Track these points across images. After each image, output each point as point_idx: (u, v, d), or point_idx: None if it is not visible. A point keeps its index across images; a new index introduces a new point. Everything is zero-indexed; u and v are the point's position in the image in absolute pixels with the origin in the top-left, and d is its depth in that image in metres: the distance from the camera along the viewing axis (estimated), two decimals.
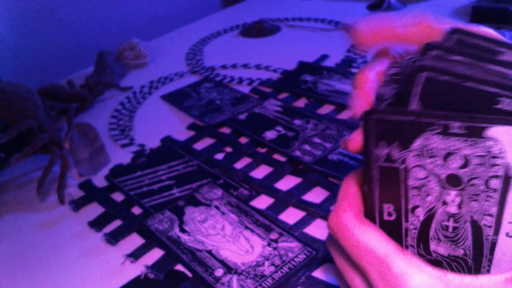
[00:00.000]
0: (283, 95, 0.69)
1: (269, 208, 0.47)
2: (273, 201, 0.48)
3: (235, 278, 0.39)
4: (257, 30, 0.94)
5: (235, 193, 0.49)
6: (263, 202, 0.48)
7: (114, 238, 0.45)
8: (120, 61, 0.84)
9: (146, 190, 0.51)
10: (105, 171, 0.56)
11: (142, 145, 0.61)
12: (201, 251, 0.42)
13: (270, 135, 0.58)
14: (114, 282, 0.41)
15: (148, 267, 0.41)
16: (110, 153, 0.59)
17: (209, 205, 0.47)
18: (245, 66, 0.81)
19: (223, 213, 0.46)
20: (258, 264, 0.40)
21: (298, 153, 0.53)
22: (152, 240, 0.44)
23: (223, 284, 0.38)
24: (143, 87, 0.78)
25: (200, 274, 0.39)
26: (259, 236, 0.43)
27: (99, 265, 0.43)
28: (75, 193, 0.53)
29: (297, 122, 0.60)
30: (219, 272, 0.39)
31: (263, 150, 0.56)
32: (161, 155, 0.57)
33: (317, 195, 0.48)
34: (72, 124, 0.61)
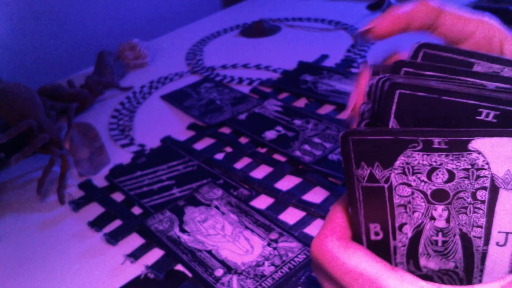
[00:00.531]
0: (283, 95, 0.69)
1: (269, 208, 0.47)
2: (273, 201, 0.48)
3: (235, 278, 0.39)
4: (257, 30, 0.94)
5: (235, 193, 0.49)
6: (263, 202, 0.48)
7: (114, 238, 0.45)
8: (120, 61, 0.84)
9: (146, 190, 0.51)
10: (105, 171, 0.56)
11: (142, 145, 0.61)
12: (201, 251, 0.42)
13: (270, 135, 0.58)
14: (114, 282, 0.41)
15: (148, 267, 0.41)
16: (110, 153, 0.59)
17: (209, 205, 0.47)
18: (245, 66, 0.81)
19: (223, 213, 0.46)
20: (258, 264, 0.40)
21: (298, 153, 0.53)
22: (152, 240, 0.44)
23: (223, 284, 0.38)
24: (143, 87, 0.78)
25: (200, 274, 0.39)
26: (259, 236, 0.43)
27: (99, 265, 0.43)
28: (75, 193, 0.53)
29: (297, 122, 0.60)
30: (219, 272, 0.39)
31: (263, 150, 0.56)
32: (161, 155, 0.57)
33: (317, 195, 0.48)
34: (72, 124, 0.61)
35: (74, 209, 0.50)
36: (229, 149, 0.57)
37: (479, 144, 0.19)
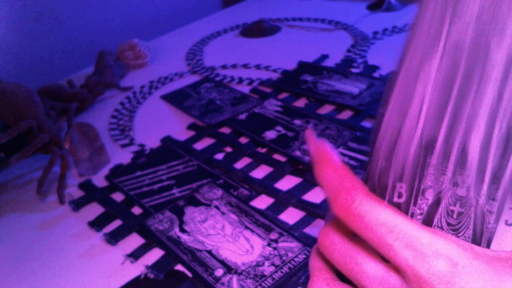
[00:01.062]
0: (283, 95, 0.69)
1: (269, 208, 0.47)
2: (273, 201, 0.48)
3: (235, 278, 0.39)
4: (257, 30, 0.94)
5: (235, 193, 0.49)
6: (263, 202, 0.48)
7: (114, 238, 0.45)
8: (120, 61, 0.84)
9: (146, 190, 0.51)
10: (105, 171, 0.56)
11: (142, 145, 0.61)
12: (201, 251, 0.42)
13: (270, 135, 0.58)
14: (114, 282, 0.41)
15: (148, 267, 0.41)
16: (110, 153, 0.59)
17: (209, 205, 0.47)
18: (245, 66, 0.81)
19: (223, 213, 0.46)
20: (258, 264, 0.40)
21: (298, 153, 0.53)
22: (152, 240, 0.44)
23: (223, 284, 0.38)
24: (143, 87, 0.78)
25: (200, 274, 0.39)
26: (259, 236, 0.43)
27: (99, 265, 0.43)
28: (75, 193, 0.53)
29: (297, 122, 0.60)
30: (219, 272, 0.39)
31: (263, 150, 0.56)
32: (161, 155, 0.57)
33: (317, 195, 0.48)
34: (72, 124, 0.61)
35: (74, 209, 0.50)
36: (229, 149, 0.57)
37: None
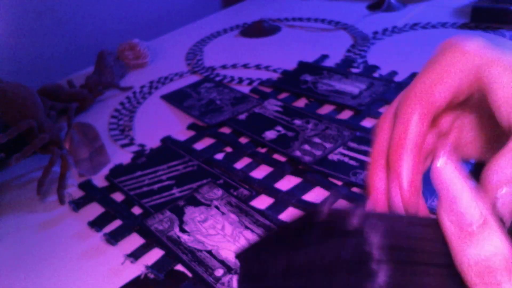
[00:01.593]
0: (283, 95, 0.69)
1: (269, 208, 0.47)
2: (273, 201, 0.48)
3: (235, 278, 0.39)
4: (257, 30, 0.94)
5: (235, 193, 0.49)
6: (263, 202, 0.48)
7: (114, 238, 0.45)
8: (120, 61, 0.84)
9: (146, 190, 0.51)
10: (105, 171, 0.56)
11: (142, 145, 0.61)
12: (201, 251, 0.42)
13: (270, 135, 0.58)
14: (114, 282, 0.41)
15: (148, 267, 0.41)
16: (110, 153, 0.59)
17: (209, 205, 0.47)
18: (245, 66, 0.81)
19: (223, 213, 0.46)
20: None
21: (298, 153, 0.53)
22: (152, 240, 0.44)
23: (223, 284, 0.38)
24: (143, 87, 0.78)
25: (200, 274, 0.39)
26: (259, 236, 0.43)
27: (99, 265, 0.43)
28: (75, 193, 0.53)
29: (297, 122, 0.60)
30: (219, 272, 0.39)
31: (263, 150, 0.56)
32: (161, 155, 0.57)
33: (317, 195, 0.48)
34: (72, 124, 0.61)
35: (74, 209, 0.50)
36: (229, 149, 0.57)
37: None
